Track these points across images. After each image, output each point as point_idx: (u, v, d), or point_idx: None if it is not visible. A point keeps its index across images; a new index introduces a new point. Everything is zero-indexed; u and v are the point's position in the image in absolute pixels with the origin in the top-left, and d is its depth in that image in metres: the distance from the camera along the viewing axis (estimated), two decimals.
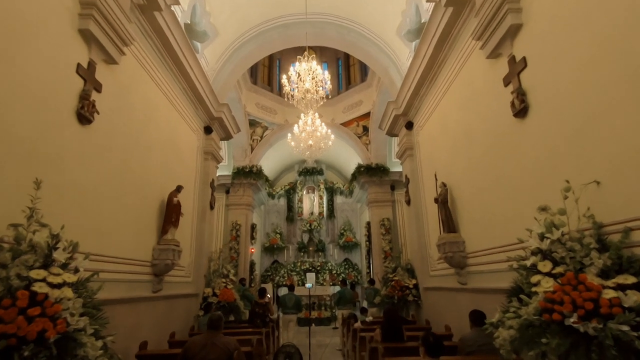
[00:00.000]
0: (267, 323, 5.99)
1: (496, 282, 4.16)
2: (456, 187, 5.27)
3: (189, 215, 6.56)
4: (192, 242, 6.66)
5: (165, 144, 5.52)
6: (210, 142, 7.57)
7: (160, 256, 4.94)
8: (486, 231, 4.37)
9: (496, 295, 4.17)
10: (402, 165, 8.07)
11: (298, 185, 16.59)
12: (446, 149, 5.63)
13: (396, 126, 8.01)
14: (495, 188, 4.11)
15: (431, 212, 6.44)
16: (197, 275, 6.72)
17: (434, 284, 6.24)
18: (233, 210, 12.16)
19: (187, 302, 6.19)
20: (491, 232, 4.24)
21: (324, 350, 8.08)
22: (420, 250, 6.88)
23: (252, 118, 12.63)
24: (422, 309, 6.67)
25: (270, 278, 14.63)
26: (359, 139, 13.00)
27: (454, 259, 4.95)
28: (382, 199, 12.22)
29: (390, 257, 11.43)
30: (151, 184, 5.04)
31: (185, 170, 6.42)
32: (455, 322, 5.10)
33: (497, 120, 4.04)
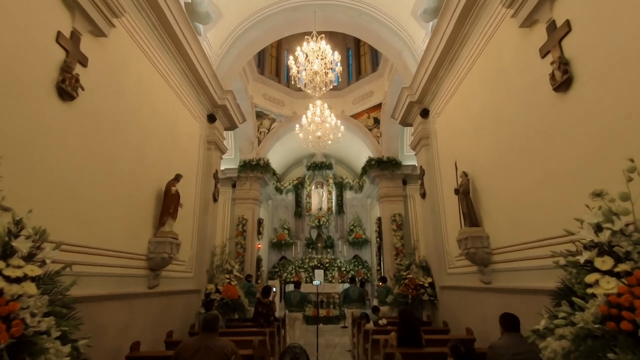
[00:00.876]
0: (272, 322, 5.60)
1: (527, 281, 3.68)
2: (479, 177, 4.78)
3: (190, 207, 6.21)
4: (194, 235, 6.31)
5: (163, 130, 5.15)
6: (213, 131, 7.19)
7: (156, 249, 4.58)
8: (517, 224, 3.88)
9: (527, 296, 3.71)
10: (417, 156, 7.58)
11: (306, 180, 16.18)
12: (468, 135, 5.14)
13: (410, 114, 7.52)
14: (530, 173, 3.62)
15: (449, 205, 5.96)
16: (198, 270, 6.36)
17: (452, 283, 5.76)
18: (239, 204, 11.81)
19: (187, 299, 5.84)
20: (523, 225, 3.76)
21: (332, 350, 7.67)
22: (437, 246, 6.40)
23: (259, 109, 12.24)
24: (439, 309, 6.20)
25: (278, 274, 14.29)
26: (370, 131, 12.51)
27: (476, 255, 4.48)
28: (393, 194, 11.73)
29: (402, 254, 10.96)
30: (147, 173, 4.68)
31: (186, 160, 6.05)
32: (477, 324, 4.63)
33: (532, 96, 3.54)
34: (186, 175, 6.02)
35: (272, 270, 14.65)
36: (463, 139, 5.33)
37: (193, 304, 6.00)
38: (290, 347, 5.05)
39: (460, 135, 5.42)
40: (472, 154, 5.00)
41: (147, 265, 4.56)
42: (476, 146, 4.89)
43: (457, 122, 5.56)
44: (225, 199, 11.86)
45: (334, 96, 12.92)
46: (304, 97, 12.62)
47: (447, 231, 6.09)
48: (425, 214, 7.05)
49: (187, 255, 6.00)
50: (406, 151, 12.05)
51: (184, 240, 5.83)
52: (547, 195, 3.34)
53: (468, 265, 4.98)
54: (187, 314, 5.74)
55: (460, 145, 5.44)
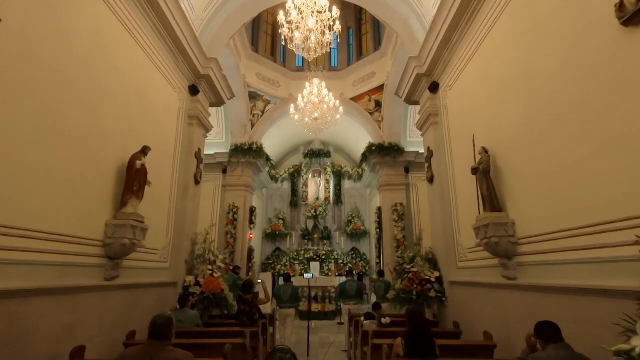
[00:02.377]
0: (256, 321, 4.87)
1: (567, 278, 2.94)
2: (503, 153, 4.01)
3: (166, 189, 5.44)
4: (171, 221, 5.54)
5: (127, 94, 4.35)
6: (196, 105, 6.39)
7: (115, 234, 3.81)
8: (554, 207, 3.12)
9: (565, 297, 2.96)
10: (424, 136, 6.79)
11: (303, 168, 15.40)
12: (488, 106, 4.35)
13: (417, 90, 6.71)
14: (578, 143, 2.85)
15: (462, 189, 5.20)
16: (176, 260, 5.61)
17: (465, 278, 5.03)
18: (230, 191, 11.04)
19: (160, 293, 5.10)
20: (564, 209, 3.00)
21: (326, 350, 6.97)
22: (446, 236, 5.66)
23: (253, 90, 11.40)
24: (448, 307, 5.47)
25: (272, 267, 13.58)
26: (371, 115, 11.70)
27: (499, 245, 3.72)
28: (395, 182, 10.98)
29: (403, 246, 10.25)
30: (105, 142, 3.89)
31: (160, 133, 5.26)
32: (497, 328, 3.89)
33: (585, 42, 2.75)
34: (161, 152, 5.25)
35: (266, 262, 13.95)
36: (481, 111, 4.54)
37: (168, 298, 5.26)
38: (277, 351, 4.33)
39: (478, 107, 4.64)
40: (493, 127, 4.23)
41: (103, 253, 3.80)
42: (498, 118, 4.11)
43: (474, 93, 4.77)
44: (216, 186, 11.11)
45: (332, 78, 12.09)
46: (301, 78, 11.79)
47: (458, 219, 5.34)
48: (432, 201, 6.29)
49: (162, 243, 5.24)
50: (409, 137, 11.29)
51: (158, 226, 5.08)
52: (603, 169, 2.57)
53: (486, 258, 4.24)
54: (160, 310, 4.95)
55: (477, 119, 4.65)
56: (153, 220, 4.88)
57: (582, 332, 2.64)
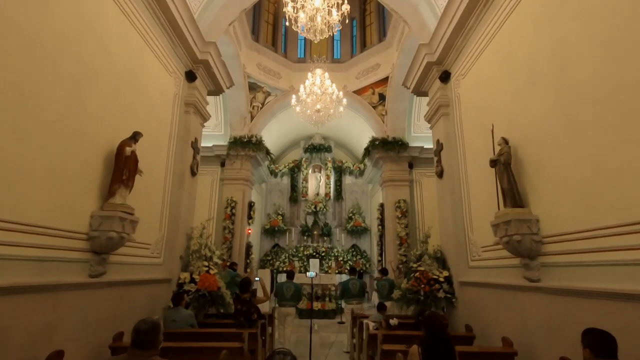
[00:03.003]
0: (254, 322, 4.55)
1: (606, 282, 2.63)
2: (526, 144, 3.69)
3: (159, 179, 5.10)
4: (164, 213, 5.21)
5: (117, 76, 4.00)
6: (193, 91, 6.03)
7: (101, 226, 3.48)
8: (588, 202, 2.81)
9: (603, 302, 2.66)
10: (433, 129, 6.47)
11: (303, 163, 15.06)
12: (510, 92, 4.02)
13: (427, 80, 6.38)
14: (617, 132, 2.53)
15: (475, 184, 4.89)
16: (169, 256, 5.28)
17: (477, 278, 4.72)
18: (228, 185, 10.70)
19: (152, 290, 4.78)
20: (599, 204, 2.69)
21: (327, 351, 6.68)
22: (456, 234, 5.35)
23: (253, 80, 11.03)
24: (457, 309, 5.17)
25: (270, 263, 13.27)
26: (374, 109, 11.37)
27: (522, 244, 3.41)
28: (398, 178, 10.67)
29: (406, 244, 9.96)
30: (91, 126, 3.55)
31: (154, 119, 4.91)
32: (516, 334, 3.59)
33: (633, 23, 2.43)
34: (155, 139, 4.91)
35: (264, 258, 13.63)
36: (501, 99, 4.21)
37: (161, 296, 4.94)
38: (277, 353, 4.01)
39: (498, 95, 4.31)
40: (515, 116, 3.90)
41: (88, 247, 3.47)
42: (522, 106, 3.78)
43: (493, 80, 4.44)
44: (213, 179, 10.78)
45: (335, 70, 11.73)
46: (303, 69, 11.42)
47: (470, 216, 5.02)
48: (442, 196, 5.97)
49: (154, 237, 4.91)
50: (413, 132, 10.97)
51: (151, 218, 4.76)
52: None
53: (505, 257, 3.93)
54: (152, 309, 4.66)
55: (496, 107, 4.32)
56: (145, 212, 4.55)
57: (621, 344, 2.34)
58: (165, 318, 4.43)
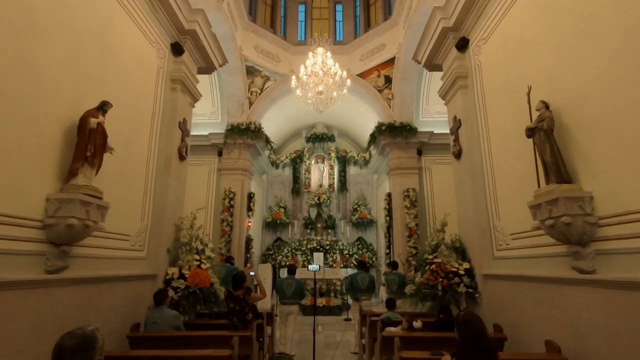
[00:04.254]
0: (249, 322, 3.96)
1: None
2: (573, 106, 3.03)
3: (140, 162, 4.50)
4: (147, 201, 4.61)
5: (81, 36, 3.37)
6: (180, 66, 5.40)
7: (59, 212, 2.88)
8: None
9: None
10: (448, 105, 5.79)
11: (305, 153, 14.44)
12: (551, 46, 3.35)
13: (441, 50, 5.70)
14: None
15: (502, 162, 4.23)
16: (155, 248, 4.69)
17: (505, 270, 4.09)
18: (226, 175, 10.11)
19: (134, 288, 4.19)
20: None
21: (334, 352, 6.08)
22: (478, 220, 4.71)
23: (250, 64, 10.38)
24: (481, 305, 4.54)
25: (272, 257, 12.71)
26: (380, 92, 10.69)
27: (572, 227, 2.77)
28: (406, 166, 10.02)
29: (416, 235, 9.33)
30: (46, 91, 2.93)
31: (133, 92, 4.29)
32: (563, 337, 2.96)
33: None
34: (134, 115, 4.30)
35: (266, 252, 13.08)
36: (537, 56, 3.54)
37: (144, 293, 4.35)
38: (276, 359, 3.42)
39: (532, 53, 3.64)
40: (558, 74, 3.24)
41: (44, 237, 2.87)
42: (567, 59, 3.12)
43: (526, 36, 3.76)
44: (210, 169, 10.20)
45: (338, 52, 11.00)
46: (303, 52, 10.72)
47: (496, 199, 4.38)
48: (460, 179, 5.32)
49: (135, 227, 4.32)
50: (422, 116, 10.29)
51: (129, 206, 4.17)
52: None
53: (544, 245, 3.30)
54: (132, 309, 4.09)
55: (530, 68, 3.66)
56: (121, 198, 3.95)
57: None
58: (147, 319, 3.85)
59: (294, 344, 6.02)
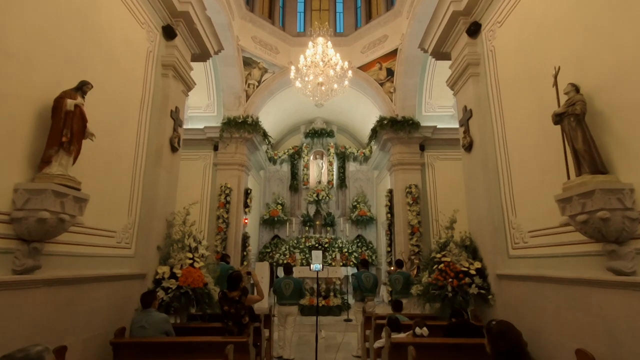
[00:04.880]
0: (245, 326, 3.63)
1: None
2: (608, 89, 2.72)
3: (127, 152, 4.15)
4: (135, 194, 4.26)
5: (58, 10, 3.02)
6: (172, 51, 5.05)
7: (28, 204, 2.53)
8: None
9: None
10: (457, 95, 5.47)
11: (304, 149, 14.09)
12: (580, 25, 3.03)
13: (450, 36, 5.37)
14: None
15: (520, 153, 3.92)
16: (144, 246, 4.35)
17: (523, 270, 3.78)
18: (222, 170, 9.76)
19: (120, 289, 3.85)
20: None
21: (335, 355, 5.78)
22: (492, 217, 4.40)
23: (248, 55, 10.01)
24: (495, 308, 4.24)
25: (270, 255, 12.38)
26: (381, 86, 10.36)
27: (609, 223, 2.46)
28: (409, 162, 9.72)
29: (418, 233, 9.04)
30: (15, 68, 2.59)
31: (119, 77, 3.93)
32: (601, 347, 2.66)
33: None
34: (120, 102, 3.95)
35: (263, 250, 12.74)
36: (563, 37, 3.22)
37: (132, 295, 4.01)
38: None
39: (557, 34, 3.32)
40: (589, 54, 2.92)
41: (12, 233, 2.53)
42: (600, 38, 2.80)
43: (549, 16, 3.44)
44: (206, 164, 9.85)
45: (338, 44, 10.64)
46: (303, 44, 10.34)
47: (512, 194, 4.07)
48: (471, 173, 5.01)
49: (121, 222, 3.97)
50: (425, 110, 9.98)
51: (114, 199, 3.82)
52: None
53: (571, 243, 2.99)
54: (116, 313, 3.75)
55: (555, 50, 3.34)
56: (105, 191, 3.61)
57: None
58: (133, 323, 3.51)
59: (293, 347, 5.71)
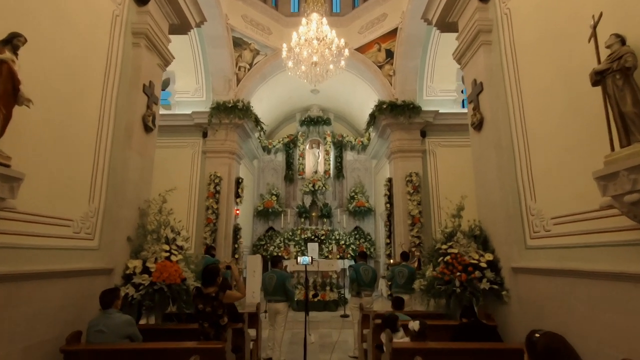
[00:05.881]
0: (223, 328, 3.12)
1: None
2: None
3: (89, 129, 3.60)
4: (100, 178, 3.71)
5: None
6: (145, 18, 4.46)
7: None
8: None
9: None
10: (465, 68, 4.93)
11: (299, 138, 13.54)
12: None
13: (458, 2, 4.80)
14: None
15: (542, 128, 3.39)
16: (110, 237, 3.82)
17: (546, 263, 3.28)
18: (212, 158, 9.20)
19: (79, 286, 3.34)
20: None
21: (329, 355, 5.30)
22: (506, 203, 3.89)
23: (238, 35, 9.39)
24: (510, 305, 3.75)
25: (264, 248, 11.90)
26: (380, 69, 9.77)
27: None
28: (409, 149, 9.19)
29: (419, 224, 8.55)
30: None
31: (76, 41, 3.36)
32: None
33: None
34: (76, 69, 3.38)
35: (257, 243, 12.26)
36: None
37: (95, 293, 3.43)
38: None
39: None
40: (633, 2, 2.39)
41: None
42: None
43: None
44: (194, 152, 9.29)
45: (334, 24, 9.91)
46: (296, 24, 9.71)
47: (531, 176, 3.55)
48: (481, 154, 4.48)
49: (81, 209, 3.43)
50: (426, 95, 9.43)
51: (74, 183, 3.29)
52: None
53: (606, 230, 2.49)
54: (73, 314, 3.23)
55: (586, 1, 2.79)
56: (58, 172, 3.07)
57: None
58: (89, 327, 2.99)
59: (284, 348, 5.22)
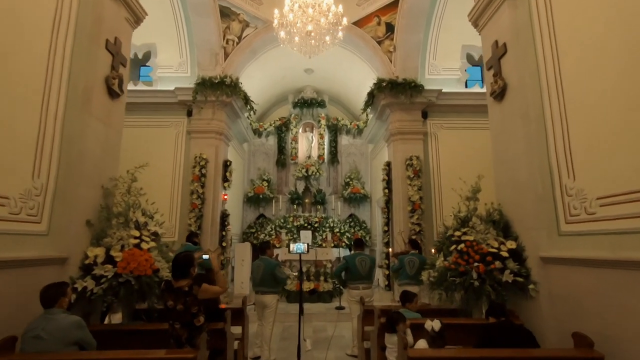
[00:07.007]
0: (198, 330, 2.53)
1: None
2: None
3: (33, 90, 2.91)
4: (48, 148, 3.04)
5: None
6: None
7: None
8: None
9: None
10: (483, 31, 4.29)
11: (292, 121, 12.82)
12: None
13: None
14: None
15: (585, 93, 2.80)
16: (63, 220, 3.17)
17: (585, 252, 2.73)
18: (197, 139, 8.49)
19: (19, 280, 2.71)
20: None
21: (325, 354, 4.77)
22: (534, 183, 3.33)
23: (225, 4, 8.57)
24: (539, 301, 3.21)
25: (254, 236, 11.31)
26: (379, 45, 9.08)
27: None
28: (409, 130, 8.59)
29: (420, 210, 8.01)
30: None
31: None
32: None
33: None
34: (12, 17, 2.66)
35: (248, 230, 11.66)
36: None
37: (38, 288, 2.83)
38: None
39: None
40: None
41: None
42: None
43: None
44: (178, 132, 8.56)
45: None
46: None
47: (568, 149, 2.97)
48: (503, 127, 3.89)
49: (21, 185, 2.77)
50: (428, 73, 8.79)
51: (10, 152, 2.60)
52: None
53: None
54: (10, 315, 2.60)
55: None
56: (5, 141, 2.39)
57: None
58: (25, 332, 2.36)
59: (274, 342, 4.68)
